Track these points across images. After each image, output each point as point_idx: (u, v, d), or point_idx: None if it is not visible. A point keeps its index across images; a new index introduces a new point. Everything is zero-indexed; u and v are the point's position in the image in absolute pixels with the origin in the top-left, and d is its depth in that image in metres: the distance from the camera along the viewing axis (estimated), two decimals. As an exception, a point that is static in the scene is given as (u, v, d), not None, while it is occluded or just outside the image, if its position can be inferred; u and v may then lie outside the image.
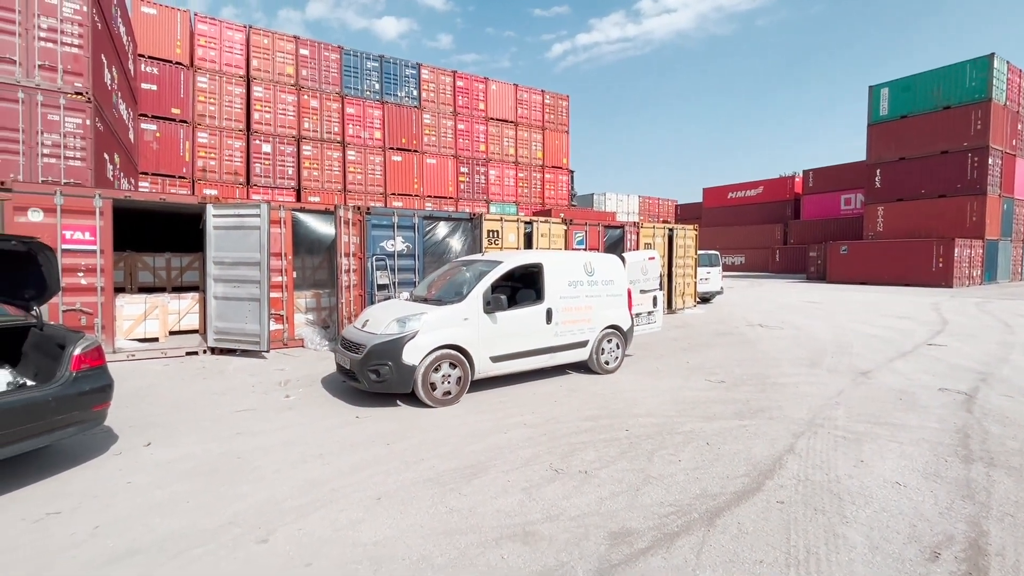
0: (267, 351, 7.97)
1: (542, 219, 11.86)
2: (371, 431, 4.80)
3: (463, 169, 23.34)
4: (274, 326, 8.47)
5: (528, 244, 11.49)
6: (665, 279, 12.56)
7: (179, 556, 2.93)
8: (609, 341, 6.99)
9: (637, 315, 8.08)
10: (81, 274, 7.25)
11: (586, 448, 4.42)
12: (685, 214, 44.57)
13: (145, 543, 3.04)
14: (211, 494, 3.58)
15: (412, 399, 5.62)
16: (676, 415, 5.28)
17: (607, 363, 6.97)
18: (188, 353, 8.06)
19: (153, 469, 3.95)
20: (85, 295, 7.32)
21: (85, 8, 8.78)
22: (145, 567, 2.84)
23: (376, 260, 9.65)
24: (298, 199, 19.06)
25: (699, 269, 15.26)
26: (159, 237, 11.81)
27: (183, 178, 17.59)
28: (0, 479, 3.69)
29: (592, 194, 43.03)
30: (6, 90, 8.25)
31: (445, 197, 22.79)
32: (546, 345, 6.36)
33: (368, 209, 9.68)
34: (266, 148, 19.01)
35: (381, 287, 9.57)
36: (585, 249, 12.20)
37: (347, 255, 8.83)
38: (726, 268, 35.82)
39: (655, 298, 8.36)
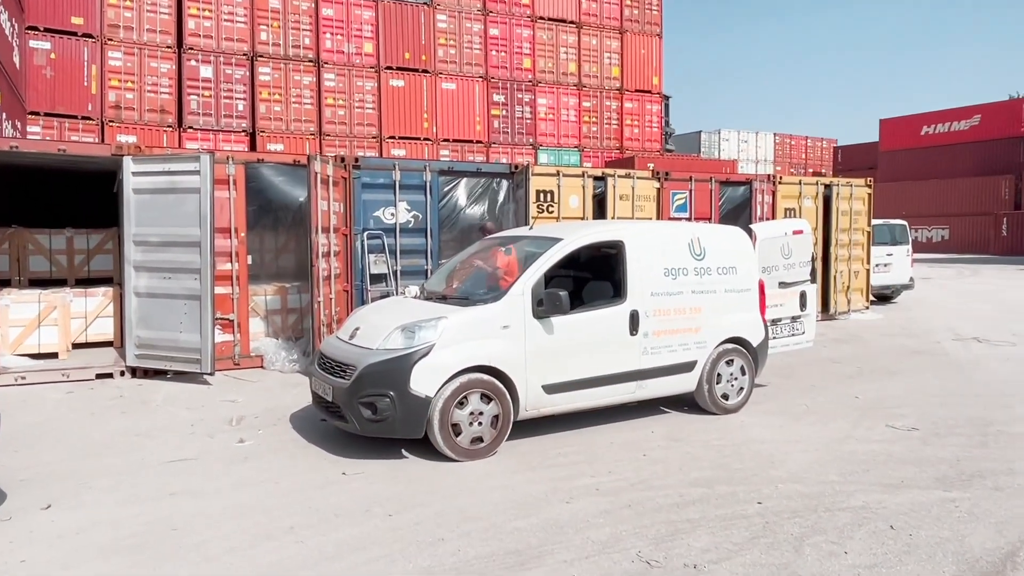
0: (211, 373, 8.30)
1: (621, 172, 11.82)
2: (364, 494, 4.90)
3: (497, 98, 23.54)
4: (221, 337, 8.80)
5: (600, 212, 11.51)
6: (819, 266, 12.21)
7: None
8: (729, 363, 6.94)
9: (774, 322, 7.98)
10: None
11: (695, 529, 4.37)
12: (850, 161, 43.07)
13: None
14: (136, 582, 3.76)
15: (425, 447, 5.71)
16: (839, 481, 5.16)
17: (726, 397, 6.93)
18: (99, 375, 8.49)
19: (55, 542, 4.18)
20: (-43, 290, 7.85)
21: None
22: None
23: (369, 238, 9.87)
24: (253, 148, 19.78)
25: (874, 250, 14.75)
26: (57, 206, 12.48)
27: (88, 119, 18.57)
28: None
29: (699, 132, 42.38)
30: None
31: (470, 141, 23.08)
32: (629, 368, 6.36)
33: (356, 161, 9.90)
34: (205, 72, 19.79)
35: (376, 278, 9.77)
36: (690, 219, 12.12)
37: (326, 230, 9.04)
38: (919, 247, 34.37)
39: (803, 295, 8.21)
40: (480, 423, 5.63)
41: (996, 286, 19.84)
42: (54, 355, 9.01)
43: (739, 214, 12.74)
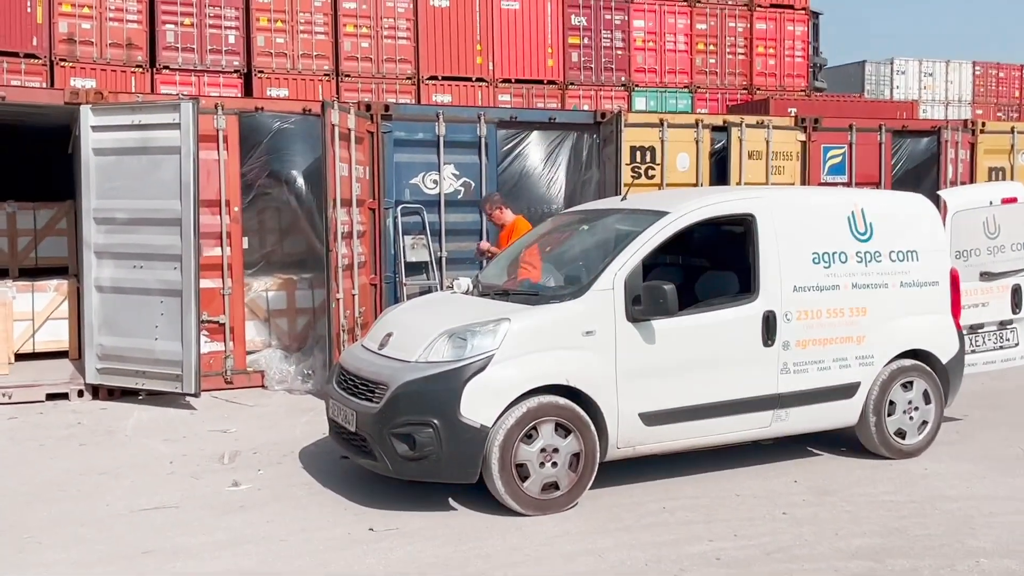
0: (196, 394, 8.59)
1: (751, 120, 11.67)
2: (398, 558, 4.99)
3: (577, 21, 23.50)
4: (209, 346, 9.09)
5: (720, 175, 11.43)
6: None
7: None
8: (906, 386, 6.84)
9: (973, 329, 7.81)
10: None
11: (857, 617, 4.29)
12: (1086, 102, 41.27)
13: None
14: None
15: (479, 495, 5.76)
16: (1072, 556, 4.97)
17: (901, 434, 6.84)
18: (51, 396, 8.88)
19: (-1, 611, 4.42)
20: None
21: None
22: None
23: (404, 213, 10.02)
24: (248, 93, 20.25)
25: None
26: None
27: (33, 57, 19.34)
28: None
29: (862, 63, 41.26)
30: None
31: (539, 82, 23.12)
32: (763, 392, 6.32)
33: (387, 110, 10.06)
34: (186, -7, 20.35)
35: (414, 267, 9.92)
36: (848, 183, 11.88)
37: (347, 204, 9.23)
38: None
39: (1017, 291, 8.00)
40: (554, 464, 5.64)
41: None
42: (-7, 369, 9.47)
43: (922, 177, 12.42)
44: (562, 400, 5.69)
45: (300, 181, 10.66)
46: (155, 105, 9.06)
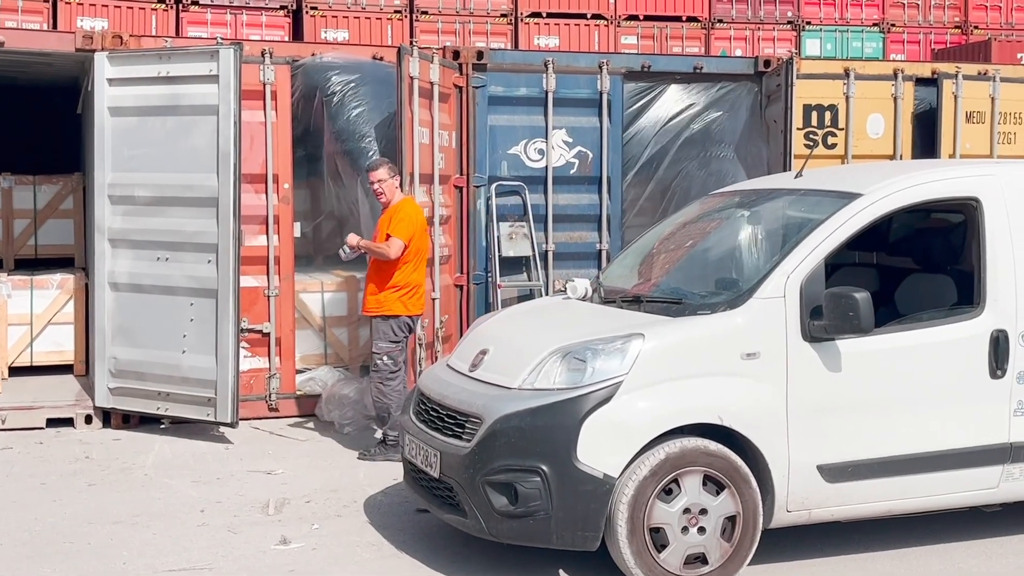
0: (233, 424, 8.76)
1: (969, 70, 11.40)
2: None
3: (729, -63, 23.29)
4: (249, 362, 9.27)
5: (927, 146, 11.24)
6: None
7: None
8: None
9: None
10: None
11: None
12: None
13: None
14: None
15: (602, 566, 5.76)
16: None
17: None
18: (53, 421, 9.16)
19: None
20: None
21: None
22: None
23: (500, 193, 10.06)
24: (296, 35, 20.64)
25: None
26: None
27: (36, -6, 20.05)
28: None
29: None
30: None
31: (677, 19, 23.02)
32: (991, 441, 6.17)
33: (480, 57, 10.11)
34: (222, -92, 20.86)
35: (513, 263, 9.95)
36: (1107, 158, 11.42)
37: (426, 180, 9.35)
38: None
39: None
40: (702, 529, 5.58)
41: None
42: (-19, 386, 9.84)
43: None
44: (713, 445, 5.62)
45: (367, 151, 10.82)
46: (187, 52, 9.23)
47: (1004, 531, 6.58)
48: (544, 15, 22.14)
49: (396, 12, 21.50)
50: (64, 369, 10.46)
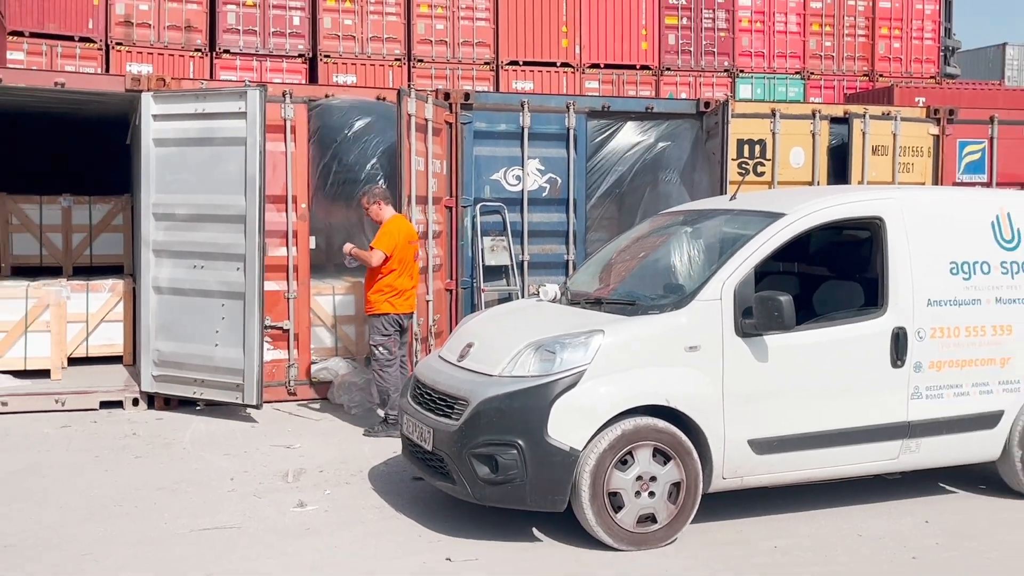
0: (258, 405, 8.77)
1: (875, 111, 11.48)
2: (479, 594, 5.02)
3: (675, -1, 23.35)
4: (272, 354, 9.26)
5: (839, 173, 11.28)
6: None
7: None
8: (1061, 418, 6.64)
9: None
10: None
11: None
12: None
13: None
14: None
15: (567, 525, 5.76)
16: None
17: (1054, 472, 6.63)
18: (105, 404, 9.15)
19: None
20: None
21: None
22: None
23: (484, 212, 10.08)
24: (312, 79, 20.61)
25: None
26: (45, 165, 13.49)
27: (89, 41, 20.02)
28: None
29: (1002, 46, 40.21)
30: None
31: (632, 67, 23.07)
32: (890, 419, 6.22)
33: (467, 98, 10.14)
34: (249, -28, 20.82)
35: (494, 271, 9.96)
36: (989, 184, 11.63)
37: (422, 201, 9.34)
38: None
39: None
40: (652, 493, 5.61)
41: None
42: (45, 373, 9.78)
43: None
44: (661, 423, 5.65)
45: (371, 176, 10.83)
46: (220, 92, 9.25)
47: (902, 495, 6.64)
48: (521, 63, 22.17)
49: (396, 60, 21.51)
50: (114, 360, 10.44)
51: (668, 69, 23.34)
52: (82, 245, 11.91)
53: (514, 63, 22.15)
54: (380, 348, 8.34)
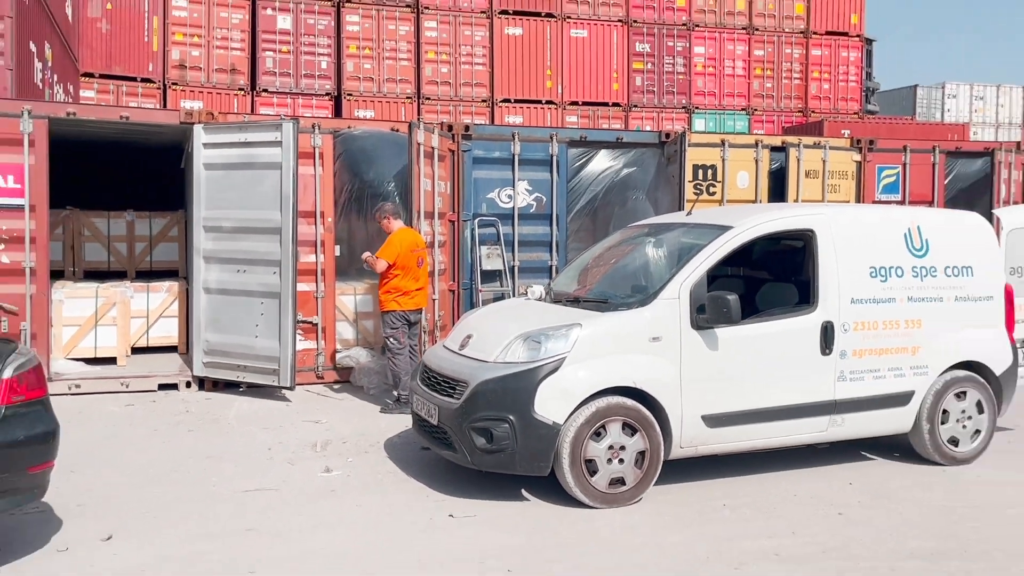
0: (291, 387, 8.77)
1: (808, 141, 11.50)
2: (477, 544, 5.03)
3: (641, 47, 23.45)
4: (302, 344, 9.24)
5: (777, 192, 11.27)
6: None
7: None
8: (960, 396, 6.69)
9: (1025, 343, 7.49)
10: (1, 246, 8.62)
11: (913, 616, 4.19)
12: None
13: None
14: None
15: (551, 487, 5.77)
16: (1123, 563, 4.78)
17: (954, 442, 6.69)
18: (163, 386, 9.17)
19: (118, 579, 4.55)
20: (7, 281, 8.67)
21: None
22: None
23: (481, 225, 10.09)
24: (338, 114, 20.62)
25: None
26: (112, 185, 13.51)
27: (149, 82, 20.01)
28: (-97, 573, 4.53)
29: (914, 87, 40.39)
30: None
31: (604, 104, 23.12)
32: (820, 398, 6.23)
33: (467, 130, 10.15)
34: (283, 23, 20.89)
35: (489, 275, 9.98)
36: (902, 202, 11.63)
37: (429, 216, 9.34)
38: None
39: (1070, 307, 7.67)
40: (621, 460, 5.63)
41: None
42: (112, 360, 9.81)
43: (974, 196, 12.09)
44: (629, 401, 5.68)
45: (386, 195, 10.84)
46: (259, 124, 9.24)
47: (830, 462, 6.67)
48: (512, 100, 22.21)
49: (408, 98, 21.53)
50: (170, 349, 10.44)
51: (635, 106, 23.38)
52: (143, 253, 11.91)
53: (506, 100, 22.18)
54: (391, 339, 8.36)
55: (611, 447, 5.61)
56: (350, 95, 21.12)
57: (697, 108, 23.87)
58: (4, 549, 4.87)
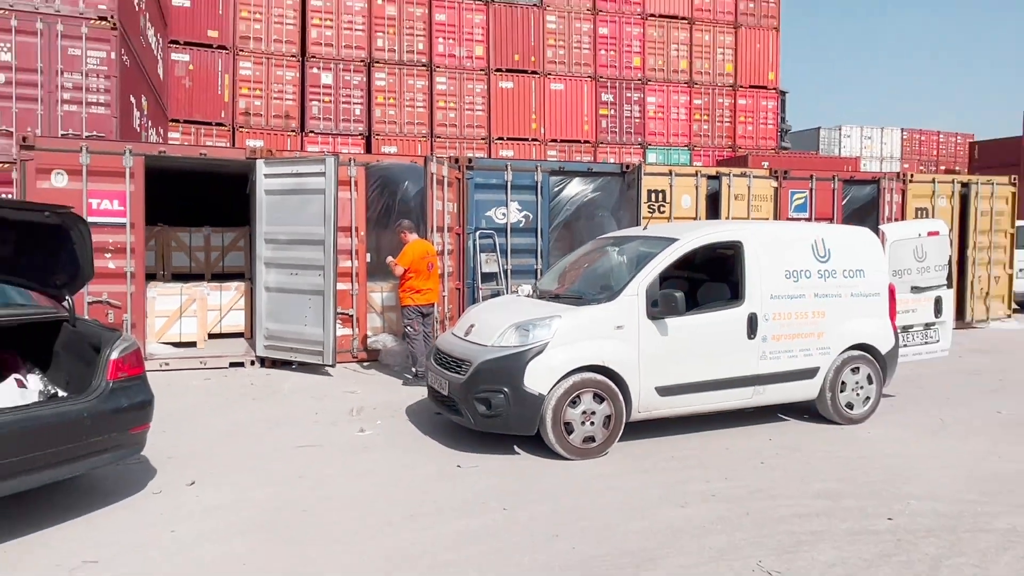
0: (332, 365, 8.74)
1: (736, 171, 11.51)
2: (479, 488, 5.03)
3: (606, 97, 23.40)
4: (342, 331, 9.21)
5: (713, 211, 11.26)
6: (955, 270, 11.42)
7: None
8: (855, 370, 6.68)
9: (905, 329, 7.61)
10: (109, 255, 8.56)
11: (818, 542, 4.21)
12: (990, 159, 39.71)
13: (195, 614, 3.52)
14: (274, 559, 4.02)
15: (537, 444, 5.78)
16: (980, 500, 4.83)
17: (850, 406, 6.67)
18: (232, 364, 9.14)
19: (201, 516, 4.55)
20: (113, 283, 8.65)
21: (109, -95, 10.28)
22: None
23: (481, 237, 10.07)
24: (368, 149, 20.56)
25: (1018, 253, 13.63)
26: (193, 206, 13.45)
27: (221, 125, 19.91)
28: (29, 514, 4.52)
29: (818, 129, 40.50)
30: (25, 20, 9.98)
31: (577, 141, 23.04)
32: (746, 372, 6.23)
33: (470, 162, 10.12)
34: (326, 79, 20.77)
35: (488, 277, 9.96)
36: (809, 219, 11.67)
37: (440, 230, 9.31)
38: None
39: (938, 301, 7.77)
40: (592, 422, 5.64)
41: None
42: (193, 344, 9.77)
43: (864, 215, 12.12)
44: (598, 376, 5.69)
45: (406, 213, 10.79)
46: (307, 159, 9.21)
47: (754, 423, 6.69)
48: (505, 138, 22.13)
49: (423, 136, 21.43)
50: (238, 335, 10.38)
51: (602, 142, 23.32)
52: (217, 259, 11.86)
53: (501, 138, 22.11)
54: (408, 328, 8.36)
55: (584, 412, 5.62)
56: (378, 135, 21.03)
57: (650, 144, 23.84)
58: (112, 492, 4.89)
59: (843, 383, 6.61)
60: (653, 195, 10.81)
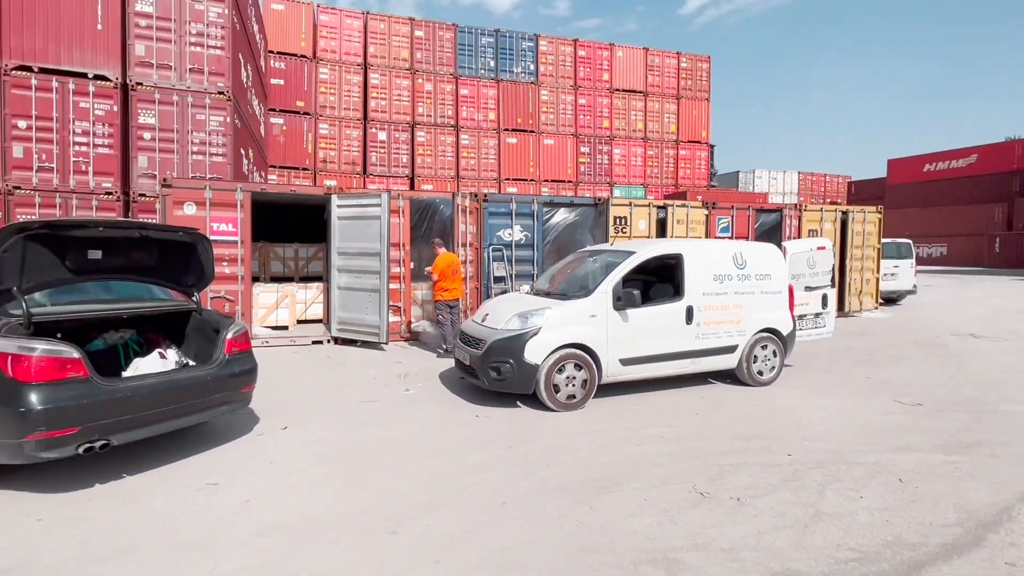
0: (386, 343, 8.72)
1: (678, 203, 11.43)
2: (491, 431, 5.04)
3: (583, 149, 23.26)
4: (392, 318, 9.21)
5: (661, 232, 11.18)
6: (837, 274, 11.39)
7: (319, 537, 3.37)
8: (763, 347, 6.63)
9: (801, 317, 7.53)
10: (225, 263, 8.57)
11: (737, 471, 4.21)
12: (862, 194, 39.60)
13: (288, 521, 3.54)
14: (343, 480, 4.05)
15: (533, 400, 5.79)
16: (855, 442, 4.82)
17: (760, 373, 6.62)
18: (314, 342, 9.11)
19: (291, 451, 4.57)
20: (228, 283, 8.65)
21: (227, 11, 10.31)
22: (291, 544, 3.31)
23: (493, 251, 10.03)
24: (411, 187, 20.51)
25: (883, 263, 13.55)
26: (285, 228, 13.49)
27: (306, 170, 19.90)
28: (169, 449, 4.56)
29: (737, 172, 40.32)
30: (166, 94, 10.02)
31: (563, 181, 22.92)
32: (685, 349, 6.20)
33: (486, 197, 10.08)
34: (382, 136, 20.73)
35: (497, 279, 9.92)
36: (731, 237, 11.57)
37: (463, 245, 9.28)
38: (922, 261, 31.24)
39: (824, 297, 7.70)
40: (573, 385, 5.65)
41: (989, 292, 17.68)
42: (285, 328, 9.76)
43: (772, 235, 12.04)
44: (578, 351, 5.69)
45: (438, 233, 10.79)
46: (368, 194, 9.18)
47: (692, 385, 6.63)
48: (511, 179, 22.09)
49: (452, 177, 21.39)
50: (318, 322, 10.38)
51: (581, 182, 23.23)
52: (303, 267, 11.89)
53: (508, 178, 22.07)
54: (440, 316, 8.35)
55: (568, 377, 5.62)
56: (419, 176, 21.00)
57: (615, 183, 23.76)
58: (227, 434, 4.90)
59: (755, 356, 6.58)
60: (618, 220, 10.77)
